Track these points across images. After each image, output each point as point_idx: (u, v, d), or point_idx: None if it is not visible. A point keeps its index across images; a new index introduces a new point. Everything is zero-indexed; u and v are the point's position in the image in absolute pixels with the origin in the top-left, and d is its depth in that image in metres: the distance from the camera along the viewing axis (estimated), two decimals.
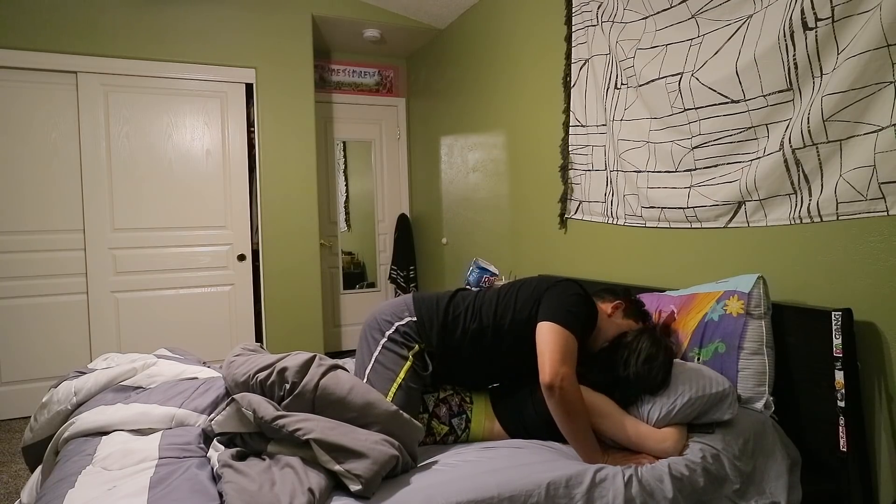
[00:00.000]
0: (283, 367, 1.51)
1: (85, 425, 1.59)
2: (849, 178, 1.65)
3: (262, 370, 1.53)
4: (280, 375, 1.49)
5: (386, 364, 1.67)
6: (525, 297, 1.71)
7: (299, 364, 1.51)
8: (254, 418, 1.39)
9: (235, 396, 1.44)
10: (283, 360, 1.55)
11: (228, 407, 1.47)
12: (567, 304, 1.63)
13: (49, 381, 3.28)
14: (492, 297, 1.76)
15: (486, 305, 1.74)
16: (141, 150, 3.61)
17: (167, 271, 3.70)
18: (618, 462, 1.49)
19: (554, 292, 1.68)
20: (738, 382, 1.73)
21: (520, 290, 1.74)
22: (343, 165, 4.84)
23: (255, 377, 1.52)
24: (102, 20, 3.47)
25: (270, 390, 1.50)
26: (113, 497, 1.24)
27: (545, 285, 1.72)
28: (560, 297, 1.66)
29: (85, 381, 1.78)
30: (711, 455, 1.51)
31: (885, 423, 1.64)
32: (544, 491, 1.32)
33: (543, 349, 1.55)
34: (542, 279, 1.77)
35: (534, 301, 1.68)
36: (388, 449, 1.35)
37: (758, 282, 1.79)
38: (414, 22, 4.19)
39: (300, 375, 1.48)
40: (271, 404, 1.43)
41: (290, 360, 1.53)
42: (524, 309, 1.69)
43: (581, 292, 1.70)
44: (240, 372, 1.57)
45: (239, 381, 1.56)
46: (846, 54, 1.61)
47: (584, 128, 2.76)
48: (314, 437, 1.30)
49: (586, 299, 1.70)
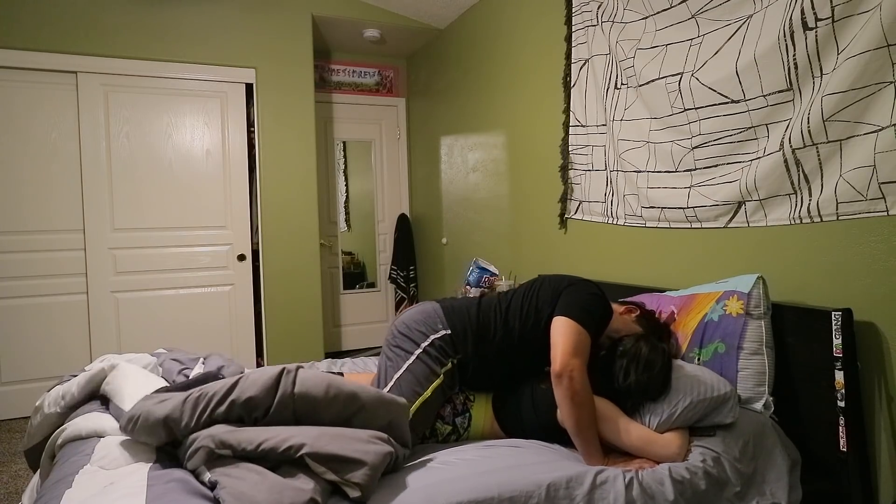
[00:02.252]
0: (248, 397, 1.37)
1: (77, 430, 1.59)
2: (849, 178, 1.65)
3: (220, 404, 1.37)
4: (245, 407, 1.36)
5: (418, 376, 1.64)
6: (545, 297, 1.74)
7: (265, 388, 1.38)
8: (233, 454, 1.29)
9: (203, 442, 1.29)
10: (235, 389, 1.39)
11: (197, 454, 1.30)
12: (584, 301, 1.68)
13: (49, 381, 3.28)
14: (517, 300, 1.78)
15: (512, 309, 1.76)
16: (141, 150, 3.61)
17: (167, 271, 3.69)
18: (618, 466, 1.49)
19: (572, 290, 1.72)
20: (738, 383, 1.73)
21: (541, 290, 1.77)
22: (343, 165, 4.83)
23: (215, 413, 1.36)
24: (102, 20, 3.47)
25: (239, 422, 1.37)
26: (111, 497, 1.24)
27: (564, 284, 1.75)
28: (577, 294, 1.70)
29: (70, 386, 1.80)
30: (712, 458, 1.51)
31: (885, 423, 1.63)
32: (545, 492, 1.32)
33: (557, 340, 1.58)
34: (561, 278, 1.80)
35: (552, 300, 1.72)
36: (382, 447, 1.34)
37: (757, 282, 1.79)
38: (414, 22, 4.19)
39: (271, 397, 1.38)
40: (239, 428, 1.33)
41: (249, 389, 1.38)
42: (544, 308, 1.72)
43: (598, 292, 1.74)
44: (187, 417, 1.37)
45: (191, 425, 1.35)
46: (846, 54, 1.61)
47: (584, 128, 2.76)
48: (307, 451, 1.26)
49: (602, 299, 1.73)
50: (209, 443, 1.29)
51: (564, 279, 1.79)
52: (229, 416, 1.38)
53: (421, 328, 1.71)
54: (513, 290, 1.85)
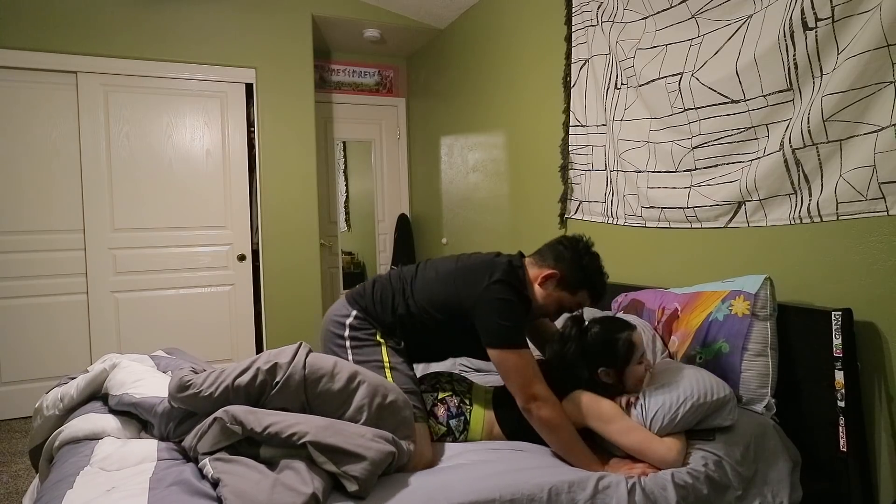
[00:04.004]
0: (272, 363, 1.48)
1: (74, 431, 1.59)
2: (849, 178, 1.65)
3: (241, 374, 1.47)
4: (270, 374, 1.47)
5: (366, 358, 1.68)
6: (467, 294, 1.63)
7: (289, 355, 1.50)
8: (242, 431, 1.35)
9: (218, 414, 1.37)
10: (258, 360, 1.51)
11: (212, 427, 1.39)
12: (500, 317, 1.56)
13: (49, 381, 3.28)
14: (428, 281, 1.71)
15: (420, 289, 1.71)
16: (141, 150, 3.61)
17: (167, 271, 3.69)
18: (621, 472, 1.49)
19: (482, 306, 1.59)
20: (741, 384, 1.73)
21: (462, 283, 1.65)
22: (343, 165, 4.84)
23: (235, 383, 1.46)
24: (102, 20, 3.47)
25: (259, 390, 1.46)
26: (112, 498, 1.24)
27: (479, 288, 1.60)
28: (490, 311, 1.57)
29: (69, 388, 1.80)
30: (714, 462, 1.50)
31: (885, 423, 1.63)
32: (546, 495, 1.32)
33: (505, 378, 1.57)
34: (477, 274, 1.64)
35: (473, 304, 1.61)
36: (384, 446, 1.35)
37: (765, 283, 1.77)
38: (414, 22, 4.18)
39: (289, 365, 1.48)
40: (253, 409, 1.40)
41: (275, 356, 1.50)
42: (465, 303, 1.62)
43: (506, 295, 1.58)
44: (209, 391, 1.48)
45: (214, 396, 1.46)
46: (846, 54, 1.61)
47: (584, 128, 2.76)
48: (310, 439, 1.29)
49: (515, 296, 1.60)
50: (223, 415, 1.36)
51: (480, 276, 1.62)
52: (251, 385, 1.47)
53: (337, 319, 1.75)
54: (424, 266, 1.79)
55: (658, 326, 2.03)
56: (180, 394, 1.49)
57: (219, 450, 1.37)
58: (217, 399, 1.46)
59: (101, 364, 1.83)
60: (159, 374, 1.83)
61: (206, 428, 1.39)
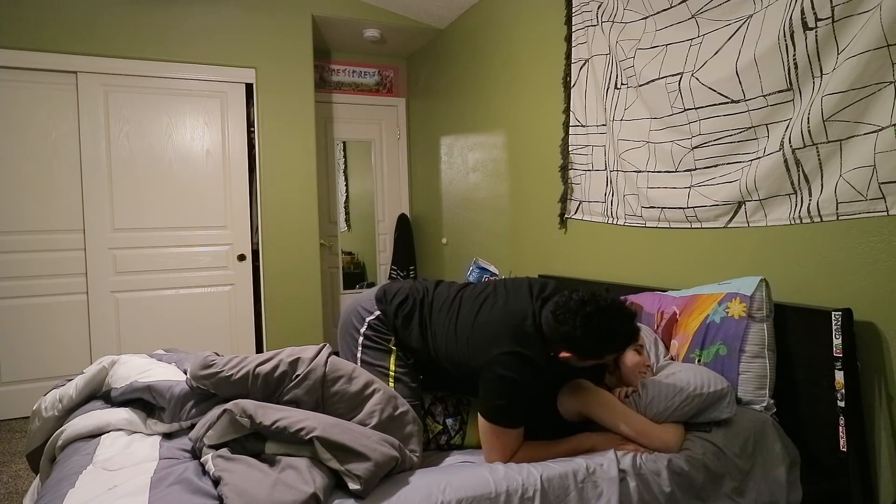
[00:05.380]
0: (296, 357, 1.53)
1: (77, 429, 1.59)
2: (849, 178, 1.65)
3: (263, 363, 1.52)
4: (292, 366, 1.52)
5: (373, 361, 1.68)
6: (479, 351, 1.56)
7: (312, 352, 1.57)
8: (251, 425, 1.36)
9: (228, 406, 1.39)
10: (282, 352, 1.57)
11: (221, 419, 1.39)
12: (494, 395, 1.50)
13: (49, 381, 3.28)
14: (448, 332, 1.63)
15: (437, 341, 1.65)
16: (141, 150, 3.61)
17: (167, 271, 3.69)
18: (612, 441, 1.52)
19: (484, 374, 1.52)
20: (739, 385, 1.73)
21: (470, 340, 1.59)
22: (343, 165, 4.84)
23: (256, 370, 1.51)
24: (102, 20, 3.47)
25: (278, 381, 1.51)
26: (113, 496, 1.24)
27: (480, 363, 1.54)
28: (486, 385, 1.52)
29: (67, 389, 1.80)
30: (712, 452, 1.52)
31: (885, 423, 1.64)
32: (540, 484, 1.36)
33: (483, 444, 1.54)
34: (480, 342, 1.57)
35: (471, 366, 1.58)
36: (389, 450, 1.36)
37: (760, 284, 1.78)
38: (414, 22, 4.19)
39: (311, 361, 1.53)
40: (263, 404, 1.41)
41: (298, 352, 1.56)
42: (475, 361, 1.57)
43: (507, 372, 1.48)
44: (229, 373, 1.53)
45: (234, 379, 1.51)
46: (846, 54, 1.61)
47: (584, 128, 2.76)
48: (317, 434, 1.31)
49: (519, 371, 1.49)
50: (233, 408, 1.37)
51: (489, 344, 1.54)
52: (270, 375, 1.51)
53: (361, 314, 1.76)
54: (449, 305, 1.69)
55: (658, 331, 2.04)
56: (202, 371, 1.53)
57: (225, 443, 1.39)
58: (236, 382, 1.50)
59: (99, 364, 1.84)
60: (164, 364, 1.84)
61: (215, 419, 1.40)
